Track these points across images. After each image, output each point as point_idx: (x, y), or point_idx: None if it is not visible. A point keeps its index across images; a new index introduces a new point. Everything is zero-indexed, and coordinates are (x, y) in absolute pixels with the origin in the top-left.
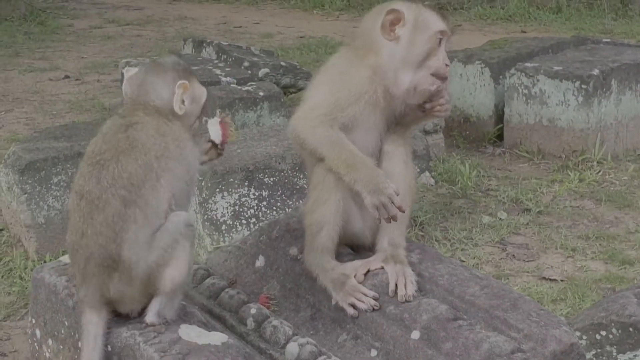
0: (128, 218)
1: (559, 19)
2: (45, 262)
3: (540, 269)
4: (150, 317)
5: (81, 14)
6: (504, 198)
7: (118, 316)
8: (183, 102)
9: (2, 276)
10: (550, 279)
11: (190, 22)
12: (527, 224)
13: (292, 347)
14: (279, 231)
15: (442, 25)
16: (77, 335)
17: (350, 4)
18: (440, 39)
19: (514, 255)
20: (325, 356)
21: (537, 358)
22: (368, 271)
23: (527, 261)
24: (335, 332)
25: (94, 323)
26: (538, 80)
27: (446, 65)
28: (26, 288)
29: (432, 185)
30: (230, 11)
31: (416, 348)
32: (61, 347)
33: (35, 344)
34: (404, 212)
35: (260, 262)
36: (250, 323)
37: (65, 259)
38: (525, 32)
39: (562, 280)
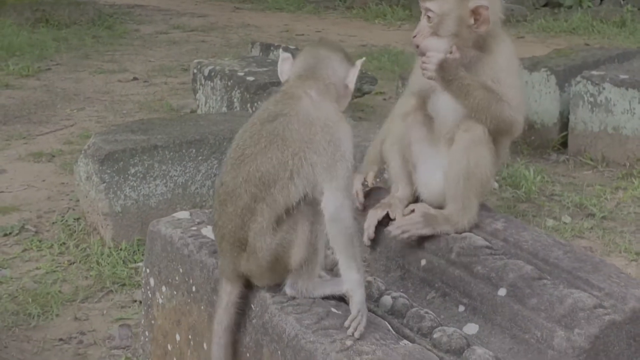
0: (255, 211)
1: (622, 33)
2: (121, 249)
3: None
4: (286, 289)
5: (147, 20)
6: (568, 203)
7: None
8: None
9: (80, 261)
10: (633, 277)
11: (254, 29)
12: (591, 228)
13: (386, 300)
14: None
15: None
16: (191, 281)
17: (412, 14)
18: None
19: None
20: (417, 308)
21: (617, 313)
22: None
23: None
24: (424, 290)
25: (227, 292)
26: (604, 89)
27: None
28: (102, 273)
29: (495, 188)
30: (293, 19)
31: (503, 304)
32: (175, 292)
33: (149, 292)
34: None
35: None
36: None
37: (180, 215)
38: (588, 44)
39: None
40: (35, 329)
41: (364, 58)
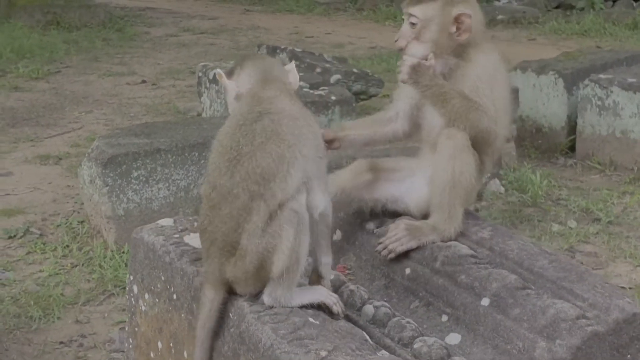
0: (252, 210)
1: (635, 35)
2: (123, 252)
3: (608, 277)
4: (264, 297)
5: (157, 23)
6: (574, 207)
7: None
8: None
9: (83, 264)
10: (619, 287)
11: (263, 32)
12: (597, 233)
13: (368, 309)
14: (357, 208)
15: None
16: (172, 289)
17: None
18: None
19: (582, 262)
20: (399, 318)
21: (600, 325)
22: None
23: (596, 269)
24: (408, 299)
25: (210, 298)
26: (612, 92)
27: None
28: (104, 276)
29: (501, 193)
30: (302, 22)
31: (485, 314)
32: (157, 300)
33: (132, 299)
34: None
35: (337, 235)
36: (328, 287)
37: (163, 222)
38: (600, 47)
39: (630, 288)
40: (36, 332)
41: (293, 61)
